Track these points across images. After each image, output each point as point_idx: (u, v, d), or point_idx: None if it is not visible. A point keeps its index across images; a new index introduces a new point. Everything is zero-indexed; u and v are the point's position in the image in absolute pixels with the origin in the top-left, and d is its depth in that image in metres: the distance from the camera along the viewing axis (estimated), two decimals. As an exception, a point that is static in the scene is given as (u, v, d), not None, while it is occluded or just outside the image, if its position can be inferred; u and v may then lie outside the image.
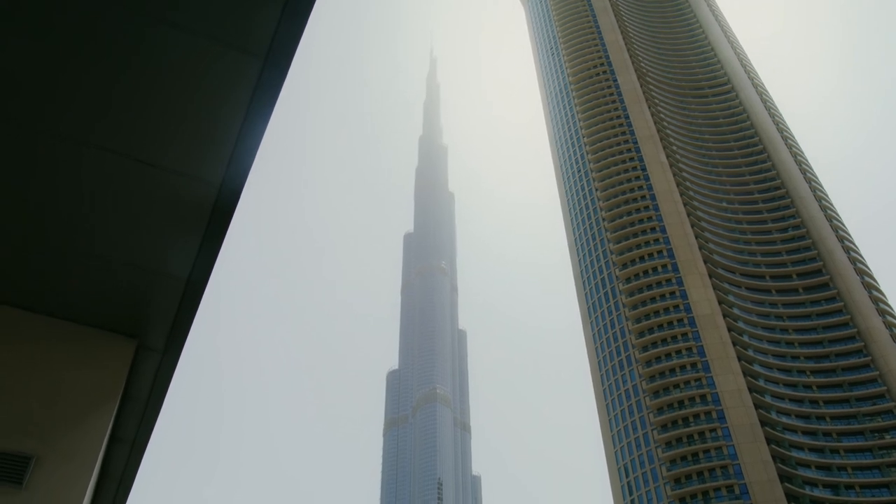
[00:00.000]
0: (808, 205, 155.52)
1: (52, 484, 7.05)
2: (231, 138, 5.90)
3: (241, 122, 5.82)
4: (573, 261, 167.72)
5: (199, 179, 6.22)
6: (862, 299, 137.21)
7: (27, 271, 7.20)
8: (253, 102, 5.70)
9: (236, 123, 5.82)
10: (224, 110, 5.76)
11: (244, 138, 5.92)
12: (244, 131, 5.87)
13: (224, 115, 5.78)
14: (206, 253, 6.90)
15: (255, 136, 5.93)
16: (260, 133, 5.91)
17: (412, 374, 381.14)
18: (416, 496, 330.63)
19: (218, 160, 6.08)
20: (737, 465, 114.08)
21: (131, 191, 6.35)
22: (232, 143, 5.93)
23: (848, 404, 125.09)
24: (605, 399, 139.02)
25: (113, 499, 10.79)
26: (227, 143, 5.95)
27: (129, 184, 6.29)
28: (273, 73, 5.57)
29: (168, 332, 7.95)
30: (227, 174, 6.16)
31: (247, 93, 5.64)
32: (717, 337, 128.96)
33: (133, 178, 6.24)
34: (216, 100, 5.70)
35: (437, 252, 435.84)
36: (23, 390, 7.34)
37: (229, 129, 5.85)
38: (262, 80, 5.57)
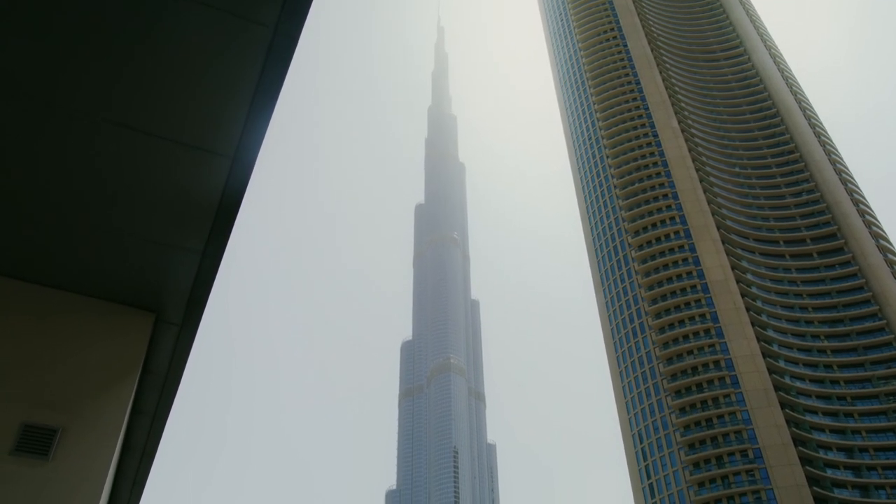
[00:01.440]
0: (823, 168, 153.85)
1: (78, 455, 7.21)
2: (243, 110, 5.91)
3: (253, 94, 5.82)
4: (585, 229, 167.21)
5: (212, 153, 6.24)
6: (877, 263, 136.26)
7: (46, 248, 7.28)
8: (264, 73, 5.70)
9: (247, 95, 5.83)
10: (235, 82, 5.76)
11: (256, 110, 5.93)
12: (256, 102, 5.88)
13: (235, 86, 5.78)
14: (220, 226, 6.94)
15: (267, 107, 5.93)
16: (271, 104, 5.91)
17: (426, 344, 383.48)
18: (432, 464, 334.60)
19: (230, 133, 6.10)
20: (751, 429, 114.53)
21: (146, 166, 6.39)
22: (244, 114, 5.94)
23: (862, 368, 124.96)
24: (618, 366, 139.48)
25: (136, 469, 11.01)
26: (239, 115, 5.96)
27: (144, 159, 6.33)
28: (283, 43, 5.55)
29: (185, 306, 8.04)
30: (239, 147, 6.18)
31: (257, 63, 5.63)
32: (731, 303, 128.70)
33: (147, 152, 6.27)
34: (228, 71, 5.70)
35: (449, 222, 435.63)
36: (47, 365, 7.48)
37: (241, 100, 5.86)
38: (273, 50, 5.56)
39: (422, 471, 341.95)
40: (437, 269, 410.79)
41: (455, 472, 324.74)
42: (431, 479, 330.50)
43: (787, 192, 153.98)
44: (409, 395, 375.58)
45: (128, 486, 11.58)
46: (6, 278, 7.60)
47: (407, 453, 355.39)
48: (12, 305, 7.57)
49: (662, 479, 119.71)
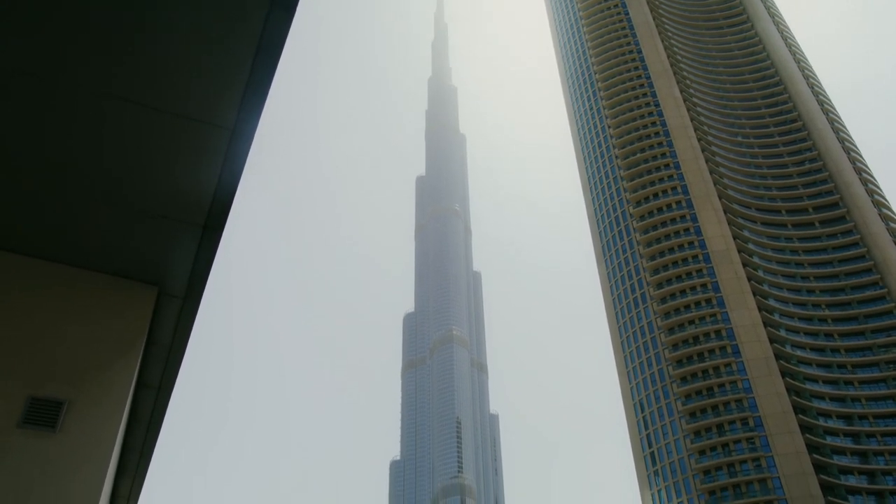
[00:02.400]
0: (826, 137, 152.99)
1: (84, 427, 7.31)
2: (241, 82, 5.90)
3: (251, 65, 5.80)
4: (587, 199, 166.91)
5: (212, 125, 6.23)
6: (879, 231, 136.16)
7: (50, 222, 7.31)
8: (261, 44, 5.68)
9: (245, 66, 5.81)
10: (233, 53, 5.75)
11: (254, 81, 5.91)
12: (254, 74, 5.87)
13: (233, 58, 5.77)
14: (221, 199, 6.96)
15: (265, 78, 5.92)
16: (269, 75, 5.90)
17: (428, 316, 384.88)
18: (436, 435, 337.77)
19: (229, 105, 6.09)
20: (751, 398, 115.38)
21: (147, 139, 6.39)
22: (242, 86, 5.93)
23: (863, 336, 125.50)
24: (620, 336, 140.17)
25: (143, 441, 11.16)
26: (237, 87, 5.95)
27: (144, 132, 6.33)
28: (280, 14, 5.53)
29: (188, 279, 8.08)
30: (239, 117, 6.17)
31: (255, 35, 5.61)
32: (732, 272, 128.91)
33: (147, 126, 6.27)
34: (225, 43, 5.68)
35: (450, 194, 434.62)
36: (52, 339, 7.55)
37: (239, 72, 5.84)
38: (269, 21, 5.54)
39: (425, 441, 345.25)
40: (439, 241, 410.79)
41: (458, 443, 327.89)
42: (435, 449, 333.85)
43: (790, 160, 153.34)
44: (411, 366, 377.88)
45: (135, 457, 11.74)
46: (10, 253, 7.64)
47: (410, 424, 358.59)
48: (16, 280, 7.62)
49: (664, 448, 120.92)
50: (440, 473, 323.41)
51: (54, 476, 6.97)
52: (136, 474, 12.57)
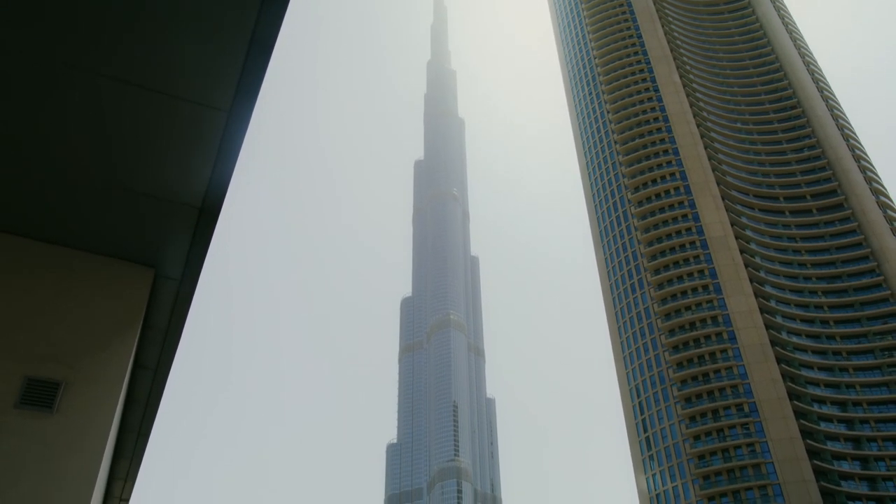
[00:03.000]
0: (825, 124, 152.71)
1: (81, 408, 7.34)
2: (238, 63, 5.87)
3: (247, 46, 5.78)
4: (585, 185, 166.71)
5: (208, 107, 6.21)
6: (877, 219, 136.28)
7: (46, 203, 7.30)
8: (258, 25, 5.65)
9: (242, 48, 5.79)
10: (230, 35, 5.72)
11: (251, 63, 5.89)
12: (251, 55, 5.84)
13: (230, 39, 5.74)
14: (217, 181, 6.95)
15: (262, 60, 5.89)
16: (266, 57, 5.87)
17: (426, 300, 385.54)
18: (432, 419, 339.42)
19: (226, 86, 6.07)
20: (747, 384, 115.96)
21: (144, 120, 6.37)
22: (239, 67, 5.91)
23: (859, 324, 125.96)
24: (617, 321, 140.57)
25: (140, 422, 11.21)
26: (233, 69, 5.92)
27: (142, 113, 6.31)
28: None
29: (184, 261, 8.09)
30: (235, 100, 6.16)
31: (252, 16, 5.58)
32: (730, 259, 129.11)
33: (144, 107, 6.25)
34: (222, 24, 5.66)
35: (448, 179, 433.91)
36: (48, 320, 7.56)
37: (236, 53, 5.82)
38: (266, 2, 5.51)
39: (422, 425, 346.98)
40: (437, 225, 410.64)
41: (455, 426, 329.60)
42: (431, 432, 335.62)
43: (789, 147, 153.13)
44: (409, 350, 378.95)
45: (132, 438, 11.79)
46: (5, 234, 7.63)
47: (407, 408, 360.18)
48: (12, 261, 7.62)
49: (659, 433, 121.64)
50: (436, 456, 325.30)
51: (51, 456, 7.01)
52: (133, 455, 12.64)
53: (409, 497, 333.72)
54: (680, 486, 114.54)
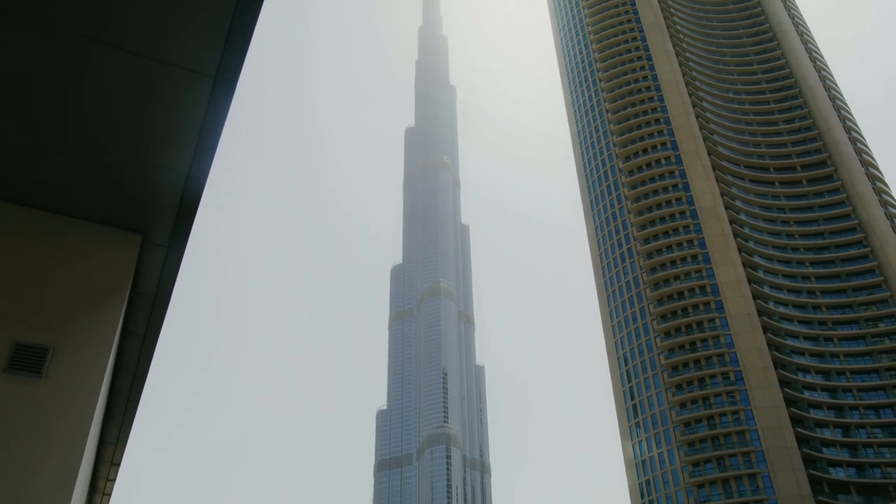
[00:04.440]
0: (817, 95, 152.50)
1: (70, 373, 7.38)
2: (223, 27, 5.81)
3: (233, 12, 5.71)
4: (576, 153, 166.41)
5: (194, 72, 6.16)
6: (865, 191, 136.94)
7: (32, 169, 7.25)
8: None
9: (227, 13, 5.72)
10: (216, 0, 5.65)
11: (236, 28, 5.83)
12: (236, 21, 5.78)
13: (215, 4, 5.67)
14: (204, 147, 6.92)
15: (247, 25, 5.83)
16: (251, 22, 5.81)
17: (416, 268, 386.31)
18: (422, 386, 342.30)
19: (211, 52, 6.01)
20: (733, 353, 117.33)
21: (130, 85, 6.32)
22: (224, 33, 5.84)
23: (845, 294, 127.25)
24: (606, 290, 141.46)
25: (129, 388, 11.28)
26: (218, 34, 5.86)
27: (127, 78, 6.25)
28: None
29: (171, 227, 8.08)
30: (221, 66, 6.11)
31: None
32: (719, 229, 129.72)
33: (131, 72, 6.19)
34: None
35: (439, 146, 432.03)
36: (35, 285, 7.56)
37: (221, 18, 5.75)
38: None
39: (412, 392, 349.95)
40: (428, 193, 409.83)
41: (444, 393, 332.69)
42: (421, 399, 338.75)
43: (780, 118, 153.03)
44: (399, 318, 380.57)
45: (122, 404, 11.88)
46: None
47: (397, 375, 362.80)
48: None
49: (646, 400, 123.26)
50: (426, 423, 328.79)
51: (41, 421, 7.06)
52: (123, 421, 12.74)
53: (399, 462, 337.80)
54: (665, 453, 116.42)
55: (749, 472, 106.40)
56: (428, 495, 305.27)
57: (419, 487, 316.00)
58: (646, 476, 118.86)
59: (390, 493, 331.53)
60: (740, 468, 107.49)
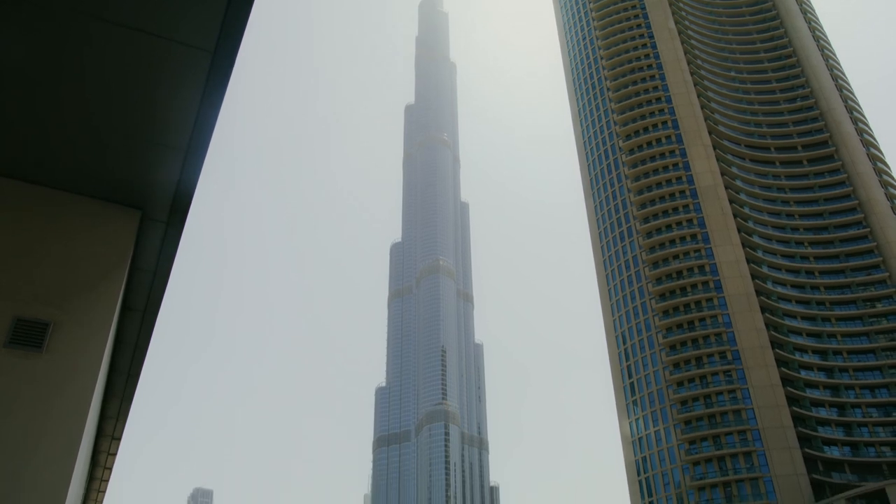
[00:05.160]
0: (820, 74, 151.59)
1: (70, 348, 7.42)
2: (221, 3, 5.76)
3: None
4: (576, 132, 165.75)
5: (192, 47, 6.13)
6: (866, 171, 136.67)
7: (30, 145, 7.23)
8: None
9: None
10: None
11: (234, 3, 5.78)
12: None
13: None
14: (203, 122, 6.90)
15: (245, 1, 5.79)
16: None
17: (415, 245, 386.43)
18: (421, 363, 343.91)
19: (209, 28, 5.97)
20: (731, 332, 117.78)
21: (130, 62, 6.29)
22: (223, 7, 5.80)
23: (843, 275, 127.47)
24: (605, 269, 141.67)
25: (130, 363, 11.35)
26: (217, 10, 5.82)
27: (128, 53, 6.22)
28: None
29: (171, 203, 8.08)
30: (219, 40, 6.07)
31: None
32: (719, 208, 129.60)
33: (129, 46, 6.15)
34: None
35: (439, 123, 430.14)
36: (35, 261, 7.58)
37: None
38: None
39: (410, 369, 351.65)
40: (427, 170, 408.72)
41: (443, 371, 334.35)
42: (420, 376, 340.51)
43: (782, 97, 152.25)
44: (398, 295, 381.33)
45: (122, 380, 11.95)
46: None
47: (396, 352, 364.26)
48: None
49: (643, 379, 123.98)
50: (424, 399, 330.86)
51: (42, 395, 7.12)
52: (123, 396, 12.83)
53: (398, 439, 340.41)
54: (662, 431, 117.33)
55: (744, 451, 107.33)
56: (426, 471, 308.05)
57: (418, 464, 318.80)
58: (642, 453, 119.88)
59: (389, 469, 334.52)
60: (736, 446, 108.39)
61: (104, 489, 20.12)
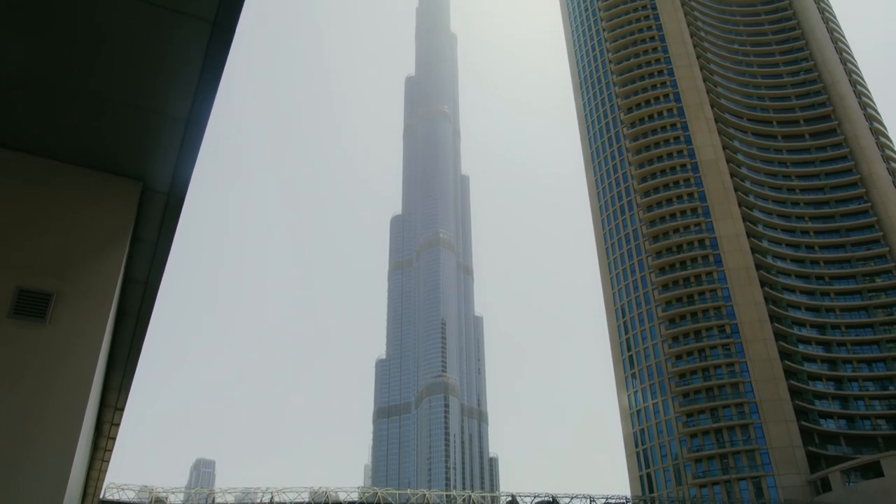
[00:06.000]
0: (824, 47, 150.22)
1: (74, 318, 7.47)
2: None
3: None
4: (577, 103, 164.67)
5: (192, 16, 6.08)
6: (868, 145, 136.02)
7: (30, 116, 7.21)
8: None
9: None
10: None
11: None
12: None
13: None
14: (203, 93, 6.87)
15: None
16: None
17: (415, 218, 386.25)
18: (421, 335, 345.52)
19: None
20: (730, 306, 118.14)
21: (130, 30, 6.24)
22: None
23: (843, 249, 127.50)
24: (605, 242, 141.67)
25: (132, 335, 11.41)
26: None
27: (129, 23, 6.17)
28: None
29: (171, 174, 8.08)
30: (219, 11, 6.02)
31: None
32: (720, 182, 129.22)
33: (129, 16, 6.11)
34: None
35: (439, 96, 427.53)
36: (37, 232, 7.60)
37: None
38: None
39: (410, 341, 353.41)
40: (427, 143, 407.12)
41: (443, 343, 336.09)
42: (420, 349, 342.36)
43: (785, 70, 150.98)
44: (398, 268, 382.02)
45: (124, 351, 12.04)
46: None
47: (396, 324, 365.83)
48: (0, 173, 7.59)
49: (642, 352, 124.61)
50: (424, 372, 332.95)
51: (46, 365, 7.18)
52: (126, 367, 12.93)
53: (398, 411, 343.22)
54: (660, 403, 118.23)
55: (741, 423, 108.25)
56: (426, 443, 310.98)
57: (418, 435, 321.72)
58: (640, 425, 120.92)
59: (389, 440, 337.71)
60: (733, 419, 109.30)
61: (108, 458, 20.36)
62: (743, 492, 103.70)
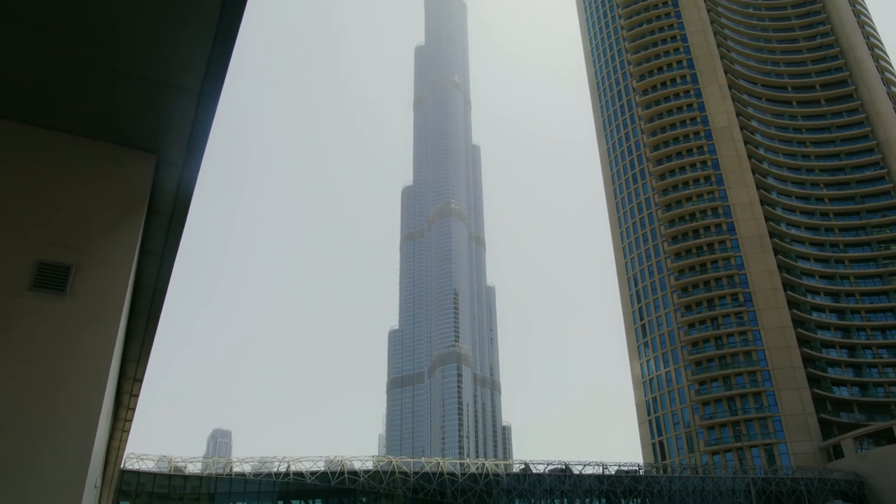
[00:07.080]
0: (840, 9, 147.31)
1: (93, 290, 7.59)
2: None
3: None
4: (589, 72, 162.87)
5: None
6: (886, 111, 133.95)
7: (46, 90, 7.24)
8: None
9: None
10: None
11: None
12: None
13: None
14: (215, 64, 6.88)
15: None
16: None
17: (427, 189, 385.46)
18: (434, 305, 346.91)
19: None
20: (743, 274, 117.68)
21: (141, 4, 6.23)
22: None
23: (858, 216, 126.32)
24: (618, 211, 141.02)
25: (150, 306, 11.56)
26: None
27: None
28: None
29: (186, 146, 8.12)
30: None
31: None
32: (733, 150, 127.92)
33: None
34: None
35: (450, 65, 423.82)
36: (54, 205, 7.68)
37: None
38: None
39: (423, 311, 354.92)
40: (438, 113, 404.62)
41: (455, 313, 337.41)
42: (433, 319, 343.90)
43: (801, 34, 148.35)
44: (410, 238, 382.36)
45: (142, 322, 12.20)
46: (7, 121, 7.62)
47: (409, 295, 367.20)
48: (16, 147, 7.65)
49: (655, 320, 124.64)
50: (437, 342, 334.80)
51: (67, 336, 7.31)
52: (143, 339, 13.11)
53: (411, 381, 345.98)
54: (673, 372, 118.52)
55: (754, 391, 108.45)
56: (439, 412, 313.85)
57: (431, 404, 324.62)
58: (653, 393, 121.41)
59: (403, 409, 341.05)
60: (746, 387, 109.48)
61: (128, 429, 20.72)
62: (755, 459, 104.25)
